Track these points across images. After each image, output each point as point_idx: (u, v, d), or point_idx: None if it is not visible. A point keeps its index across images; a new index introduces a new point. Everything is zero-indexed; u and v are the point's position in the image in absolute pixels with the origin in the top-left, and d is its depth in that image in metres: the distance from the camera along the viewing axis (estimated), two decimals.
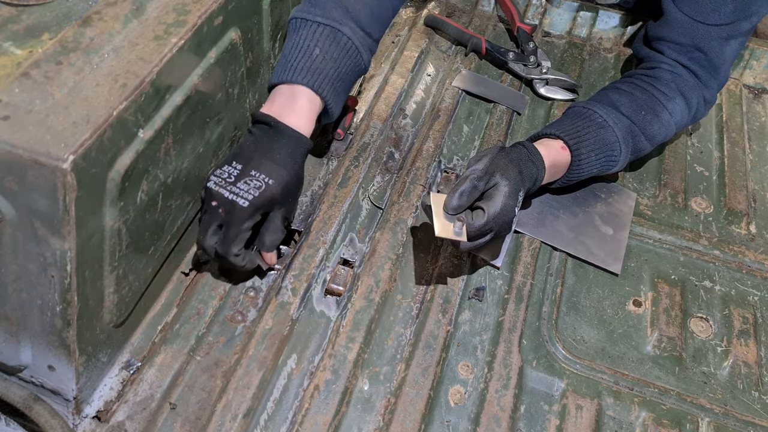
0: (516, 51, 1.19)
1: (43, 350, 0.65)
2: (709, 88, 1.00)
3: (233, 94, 0.82)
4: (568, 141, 0.89)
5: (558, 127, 0.92)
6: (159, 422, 0.70)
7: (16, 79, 0.59)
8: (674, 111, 0.96)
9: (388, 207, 0.93)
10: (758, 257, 0.95)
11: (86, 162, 0.56)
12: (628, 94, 0.96)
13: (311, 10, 0.83)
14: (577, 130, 0.91)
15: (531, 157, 0.85)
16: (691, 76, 0.99)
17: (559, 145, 0.90)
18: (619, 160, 0.93)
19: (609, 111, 0.93)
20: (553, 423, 0.75)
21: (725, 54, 0.98)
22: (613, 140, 0.92)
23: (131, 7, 0.69)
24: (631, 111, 0.94)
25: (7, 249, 0.59)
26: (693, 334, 0.85)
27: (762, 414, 0.79)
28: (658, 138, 0.97)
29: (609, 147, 0.92)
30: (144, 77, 0.63)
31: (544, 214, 0.95)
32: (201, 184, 0.79)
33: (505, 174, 0.80)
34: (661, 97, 0.96)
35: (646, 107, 0.95)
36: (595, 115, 0.92)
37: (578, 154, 0.90)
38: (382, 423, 0.73)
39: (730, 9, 0.96)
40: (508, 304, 0.85)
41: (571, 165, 0.90)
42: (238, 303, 0.81)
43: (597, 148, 0.91)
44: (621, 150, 0.92)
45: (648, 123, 0.95)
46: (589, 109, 0.94)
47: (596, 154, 0.91)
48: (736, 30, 0.97)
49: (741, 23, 0.97)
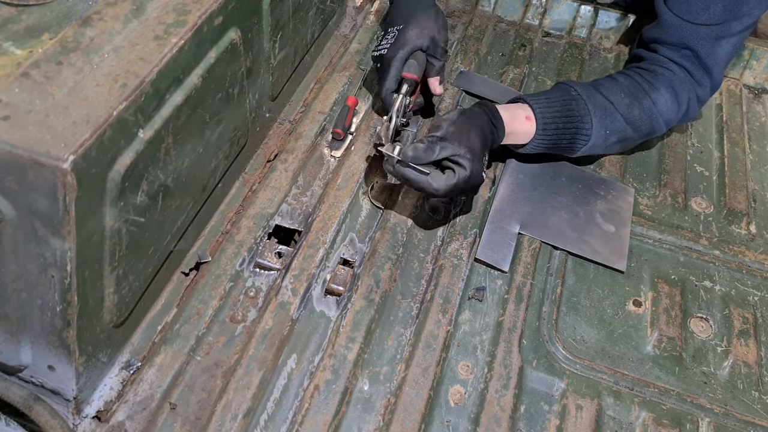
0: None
1: (43, 350, 0.65)
2: (702, 87, 1.01)
3: (233, 94, 0.82)
4: (532, 104, 0.93)
5: (530, 95, 0.96)
6: (159, 422, 0.70)
7: (16, 79, 0.59)
8: (657, 101, 0.97)
9: (388, 207, 0.93)
10: (758, 257, 0.95)
11: (86, 162, 0.56)
12: (612, 79, 0.99)
13: None
14: (546, 97, 0.95)
15: (492, 119, 0.89)
16: (684, 73, 0.99)
17: (524, 114, 0.93)
18: (591, 136, 0.95)
19: (585, 87, 0.96)
20: (553, 423, 0.75)
21: (716, 54, 0.99)
22: (584, 113, 0.94)
23: (131, 7, 0.69)
24: (610, 92, 0.96)
25: (7, 249, 0.59)
26: (693, 334, 0.85)
27: (762, 414, 0.79)
28: (641, 125, 0.98)
29: (578, 119, 0.94)
30: (144, 77, 0.63)
31: (546, 216, 0.95)
32: (201, 184, 0.79)
33: (466, 142, 0.83)
34: (645, 85, 0.98)
35: (627, 91, 0.97)
36: (569, 89, 0.96)
37: (542, 118, 0.93)
38: (382, 423, 0.73)
39: (720, 9, 0.96)
40: (508, 304, 0.85)
41: (538, 130, 0.93)
42: (238, 303, 0.81)
43: (564, 116, 0.93)
44: (593, 124, 0.94)
45: (627, 106, 0.96)
46: (566, 84, 0.97)
47: (563, 123, 0.93)
48: (726, 30, 0.98)
49: (731, 23, 0.97)
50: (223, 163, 0.85)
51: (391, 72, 0.95)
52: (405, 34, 0.96)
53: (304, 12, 0.99)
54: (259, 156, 0.97)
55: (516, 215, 0.94)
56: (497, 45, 1.25)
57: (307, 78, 1.10)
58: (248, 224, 0.88)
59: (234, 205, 0.91)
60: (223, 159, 0.85)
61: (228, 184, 0.91)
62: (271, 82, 0.95)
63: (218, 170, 0.85)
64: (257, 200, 0.91)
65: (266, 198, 0.92)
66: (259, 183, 0.94)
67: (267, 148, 0.99)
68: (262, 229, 0.88)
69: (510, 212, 0.94)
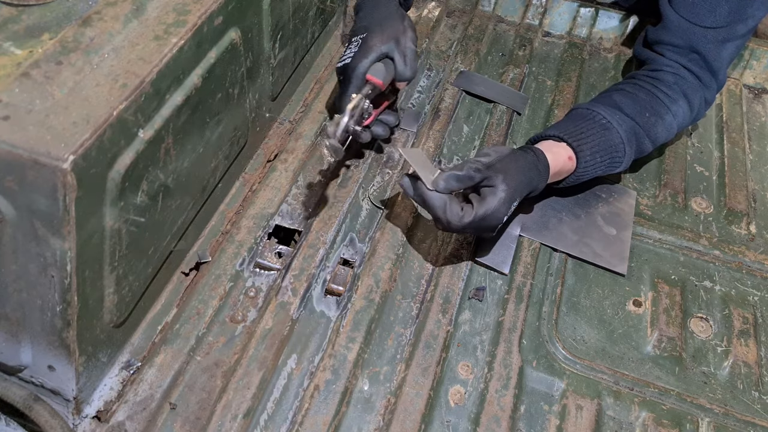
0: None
1: (43, 350, 0.65)
2: (710, 89, 1.00)
3: (233, 94, 0.82)
4: (572, 143, 0.89)
5: (562, 128, 0.91)
6: (159, 422, 0.70)
7: (16, 79, 0.59)
8: (677, 113, 0.96)
9: (388, 207, 0.93)
10: (758, 257, 0.95)
11: (86, 162, 0.56)
12: (632, 96, 0.96)
13: None
14: (581, 131, 0.90)
15: (538, 165, 0.85)
16: (693, 78, 0.99)
17: (567, 154, 0.89)
18: (623, 162, 0.93)
19: (612, 112, 0.93)
20: (553, 423, 0.75)
21: (722, 56, 0.99)
22: (617, 142, 0.91)
23: (131, 7, 0.69)
24: (635, 112, 0.94)
25: (7, 249, 0.59)
26: (693, 334, 0.85)
27: (762, 414, 0.79)
28: (661, 139, 0.97)
29: (613, 149, 0.91)
30: (144, 77, 0.63)
31: (547, 218, 0.95)
32: (201, 184, 0.79)
33: (507, 179, 0.79)
34: (666, 99, 0.96)
35: (650, 109, 0.95)
36: (599, 117, 0.92)
37: (583, 156, 0.89)
38: (382, 423, 0.73)
39: (726, 11, 0.96)
40: (508, 304, 0.85)
41: (578, 170, 0.90)
42: (238, 303, 0.81)
43: (601, 150, 0.90)
44: (625, 152, 0.92)
45: (652, 125, 0.94)
46: (592, 111, 0.93)
47: (600, 156, 0.91)
48: (732, 32, 0.97)
49: (737, 26, 0.97)
50: (223, 163, 0.85)
51: (353, 82, 0.88)
52: (368, 42, 0.89)
53: (304, 12, 0.99)
54: (259, 156, 0.98)
55: (516, 217, 0.94)
56: (497, 45, 1.25)
57: (307, 78, 1.10)
58: (248, 224, 0.88)
59: (234, 205, 0.91)
60: (223, 159, 0.85)
61: (228, 184, 0.91)
62: (271, 82, 0.95)
63: (218, 170, 0.85)
64: (257, 200, 0.91)
65: (266, 198, 0.92)
66: (259, 183, 0.94)
67: (267, 148, 0.99)
68: (262, 229, 0.88)
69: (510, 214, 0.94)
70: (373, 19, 0.92)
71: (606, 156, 0.91)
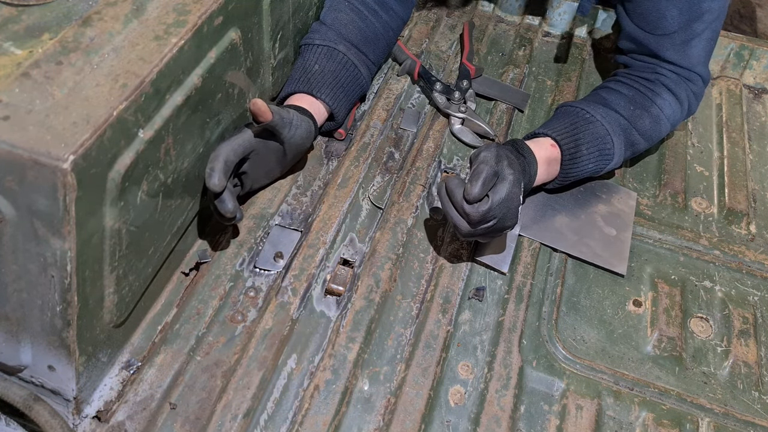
0: (446, 83, 1.10)
1: (43, 350, 0.65)
2: (694, 83, 0.99)
3: (233, 94, 0.82)
4: (557, 138, 0.91)
5: (547, 126, 0.94)
6: (159, 422, 0.70)
7: (16, 79, 0.59)
8: (663, 106, 0.97)
9: (388, 207, 0.93)
10: (758, 257, 0.95)
11: (86, 162, 0.56)
12: (616, 92, 0.97)
13: (312, 36, 0.98)
14: (566, 127, 0.93)
15: (523, 152, 0.87)
16: (674, 75, 0.98)
17: (548, 142, 0.91)
18: (614, 154, 0.94)
19: (596, 107, 0.94)
20: (553, 423, 0.75)
21: (690, 55, 0.97)
22: (604, 133, 0.92)
23: (131, 7, 0.69)
24: (620, 106, 0.95)
25: (7, 249, 0.59)
26: (693, 334, 0.85)
27: (762, 414, 0.79)
28: (652, 134, 0.97)
29: (600, 140, 0.92)
30: (144, 77, 0.63)
31: (547, 217, 0.95)
32: (201, 184, 0.79)
33: (510, 164, 0.81)
34: (649, 93, 0.97)
35: (635, 102, 0.96)
36: (582, 112, 0.94)
37: (568, 149, 0.91)
38: (382, 423, 0.73)
39: (676, 15, 0.95)
40: (508, 304, 0.85)
41: (564, 161, 0.91)
42: (238, 303, 0.81)
43: (588, 142, 0.92)
44: (614, 143, 0.93)
45: (638, 117, 0.95)
46: (576, 107, 0.95)
47: (587, 148, 0.92)
48: (691, 32, 0.96)
49: (693, 24, 0.95)
50: None
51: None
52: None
53: (304, 12, 0.99)
54: None
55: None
56: (497, 45, 1.25)
57: None
58: (248, 224, 0.88)
59: None
60: None
61: None
62: (271, 82, 0.95)
63: None
64: (257, 200, 0.91)
65: (266, 198, 0.92)
66: None
67: None
68: (262, 229, 0.88)
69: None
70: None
71: (593, 148, 0.92)
